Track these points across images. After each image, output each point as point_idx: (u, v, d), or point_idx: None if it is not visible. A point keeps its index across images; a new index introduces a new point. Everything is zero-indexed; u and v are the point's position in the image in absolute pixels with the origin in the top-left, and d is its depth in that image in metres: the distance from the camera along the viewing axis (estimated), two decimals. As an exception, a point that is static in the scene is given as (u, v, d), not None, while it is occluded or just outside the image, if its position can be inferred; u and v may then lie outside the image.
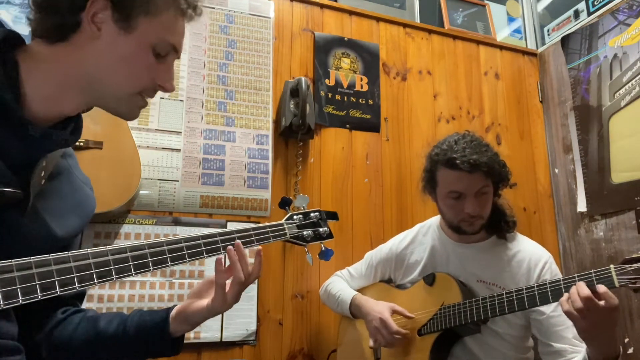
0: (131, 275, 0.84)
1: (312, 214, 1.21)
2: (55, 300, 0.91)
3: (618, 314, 1.17)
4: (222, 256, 0.96)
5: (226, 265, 0.99)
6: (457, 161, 1.46)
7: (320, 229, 1.20)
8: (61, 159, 0.93)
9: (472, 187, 1.49)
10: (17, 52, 0.81)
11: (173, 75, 0.90)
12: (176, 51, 0.89)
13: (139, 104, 0.89)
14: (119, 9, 0.81)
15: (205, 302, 0.98)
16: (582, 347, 1.35)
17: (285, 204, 1.20)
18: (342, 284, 1.87)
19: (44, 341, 0.94)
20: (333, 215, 1.26)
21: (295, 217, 1.18)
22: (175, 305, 1.01)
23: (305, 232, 1.17)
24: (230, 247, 0.97)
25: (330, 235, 1.22)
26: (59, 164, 0.92)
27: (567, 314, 1.19)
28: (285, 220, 1.16)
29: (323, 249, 1.21)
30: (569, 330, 1.41)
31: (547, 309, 1.46)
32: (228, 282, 0.98)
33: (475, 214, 1.51)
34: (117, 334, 0.96)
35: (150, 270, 0.87)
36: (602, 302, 1.14)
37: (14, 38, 0.82)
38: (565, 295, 1.21)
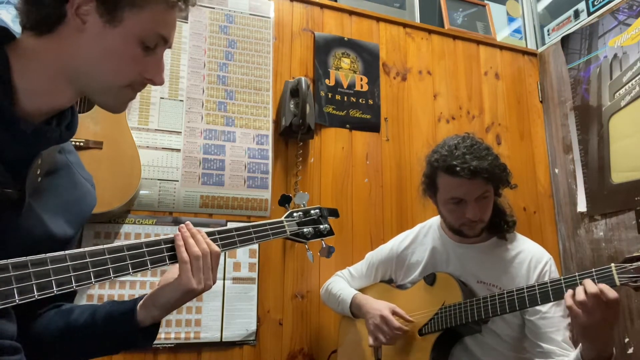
0: (129, 274, 0.84)
1: (312, 211, 1.20)
2: (46, 298, 0.90)
3: (618, 311, 1.18)
4: (179, 233, 0.93)
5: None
6: (457, 168, 1.45)
7: (321, 226, 1.19)
8: (59, 154, 0.91)
9: (473, 193, 1.49)
10: (6, 47, 0.80)
11: (163, 67, 0.88)
12: (166, 42, 0.87)
13: (128, 97, 0.87)
14: (103, 2, 0.79)
15: (173, 282, 0.92)
16: (570, 351, 1.36)
17: (285, 201, 1.20)
18: (342, 284, 1.87)
19: (18, 336, 0.91)
20: (333, 212, 1.25)
21: (295, 214, 1.17)
22: (144, 295, 0.97)
23: (305, 230, 1.16)
24: (181, 225, 0.95)
25: (331, 232, 1.21)
26: (57, 160, 0.91)
27: (570, 308, 1.20)
28: (285, 217, 1.16)
29: (324, 246, 1.21)
30: (560, 333, 1.41)
31: (541, 309, 1.46)
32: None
33: (476, 219, 1.51)
34: (86, 325, 0.93)
35: (148, 268, 0.87)
36: (605, 299, 1.15)
37: (3, 33, 0.81)
38: (570, 291, 1.22)
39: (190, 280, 0.90)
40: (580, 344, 1.28)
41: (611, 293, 1.15)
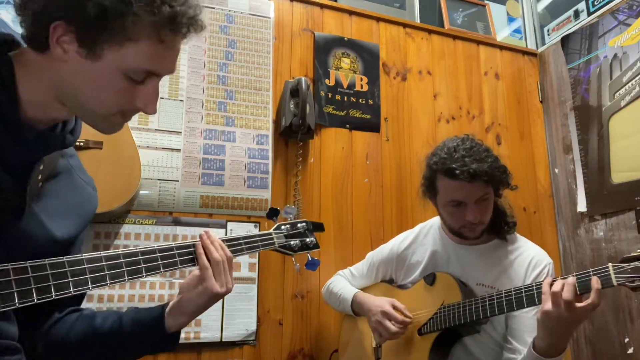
0: (124, 281, 0.86)
1: (299, 225, 1.23)
2: (54, 301, 0.91)
3: (587, 317, 1.23)
4: (199, 243, 0.98)
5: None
6: (457, 171, 1.44)
7: (307, 239, 1.22)
8: (61, 158, 0.92)
9: (473, 196, 1.48)
10: (13, 55, 0.80)
11: (155, 97, 0.84)
12: (157, 75, 0.83)
13: (117, 122, 0.85)
14: (82, 37, 0.75)
15: (197, 288, 0.98)
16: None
17: (273, 214, 1.23)
18: (344, 283, 1.88)
19: (40, 340, 0.94)
20: (319, 227, 1.29)
21: (283, 227, 1.20)
22: (169, 302, 1.02)
23: (292, 242, 1.19)
24: (201, 233, 1.00)
25: (316, 246, 1.24)
26: (58, 164, 0.91)
27: (543, 294, 1.24)
28: (274, 229, 1.19)
29: (310, 259, 1.24)
30: (531, 334, 1.40)
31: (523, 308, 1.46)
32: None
33: (476, 222, 1.51)
34: (112, 331, 0.97)
35: (143, 276, 0.89)
36: (580, 304, 1.19)
37: (10, 40, 0.81)
38: (549, 279, 1.26)
39: (215, 285, 0.96)
40: (537, 332, 1.30)
41: (594, 296, 1.18)
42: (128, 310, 1.01)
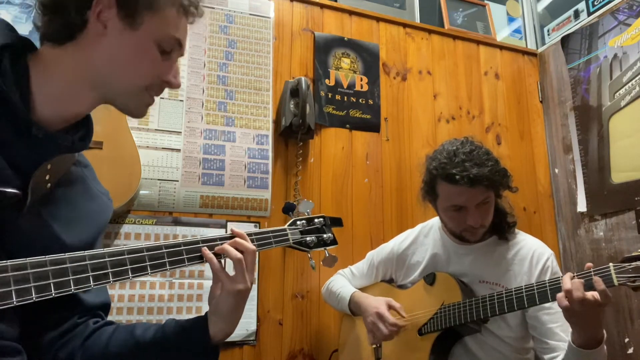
0: (129, 278, 0.84)
1: (316, 220, 1.18)
2: (80, 308, 0.92)
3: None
4: (205, 247, 0.97)
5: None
6: (457, 177, 1.43)
7: (324, 235, 1.17)
8: (74, 167, 0.92)
9: (474, 201, 1.48)
10: (28, 58, 0.83)
11: (179, 71, 0.92)
12: (181, 46, 0.90)
13: (147, 101, 0.90)
14: (123, 5, 0.82)
15: (223, 290, 0.97)
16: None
17: (289, 209, 1.18)
18: (343, 282, 1.88)
19: (78, 350, 0.92)
20: (337, 222, 1.23)
21: (298, 222, 1.15)
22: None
23: (308, 238, 1.14)
24: (233, 235, 0.99)
25: (334, 242, 1.19)
26: (72, 172, 0.91)
27: (558, 299, 1.23)
28: (289, 225, 1.14)
29: (327, 255, 1.18)
30: (562, 327, 1.41)
31: (544, 305, 1.44)
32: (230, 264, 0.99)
33: (477, 226, 1.51)
34: (155, 340, 0.94)
35: (148, 273, 0.87)
36: (594, 300, 1.17)
37: (26, 43, 0.83)
38: (561, 281, 1.26)
39: (233, 283, 0.96)
40: (571, 331, 1.29)
41: (606, 298, 1.17)
42: (168, 320, 0.99)
